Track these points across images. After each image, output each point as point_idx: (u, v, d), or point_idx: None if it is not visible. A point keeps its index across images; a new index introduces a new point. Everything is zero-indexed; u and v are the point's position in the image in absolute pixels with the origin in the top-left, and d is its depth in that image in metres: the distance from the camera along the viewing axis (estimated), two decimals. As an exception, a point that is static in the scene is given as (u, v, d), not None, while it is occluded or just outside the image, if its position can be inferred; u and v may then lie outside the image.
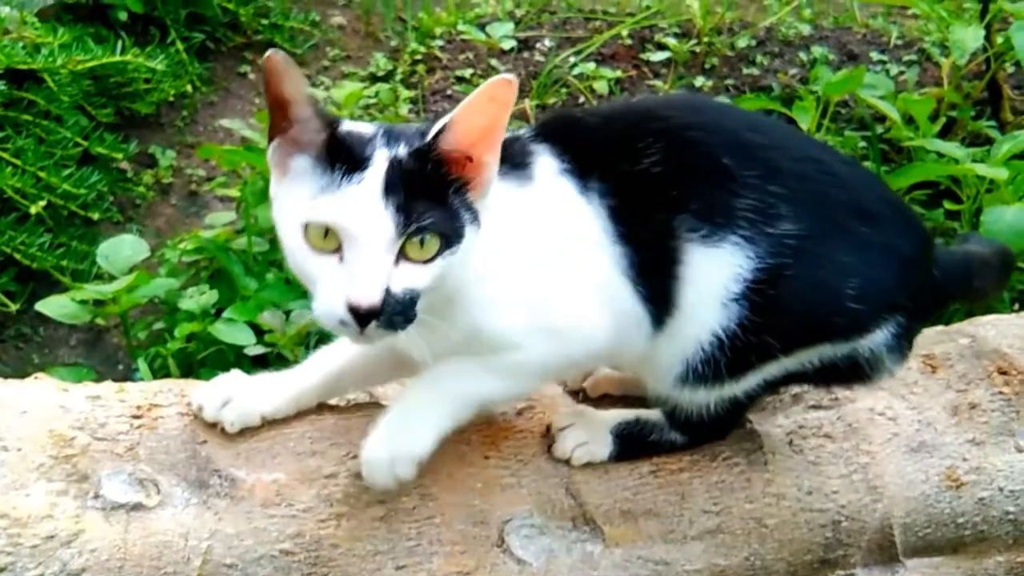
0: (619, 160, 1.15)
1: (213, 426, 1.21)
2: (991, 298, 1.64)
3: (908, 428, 1.36)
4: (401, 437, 1.15)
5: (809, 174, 1.16)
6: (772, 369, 1.19)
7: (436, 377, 1.15)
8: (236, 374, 1.26)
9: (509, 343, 1.14)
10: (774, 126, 1.24)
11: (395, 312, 1.00)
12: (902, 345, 1.21)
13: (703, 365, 1.16)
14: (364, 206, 1.00)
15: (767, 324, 1.13)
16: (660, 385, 1.21)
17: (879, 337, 1.19)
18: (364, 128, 1.07)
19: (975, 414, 1.39)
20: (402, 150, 1.03)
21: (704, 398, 1.20)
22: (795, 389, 1.36)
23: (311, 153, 1.04)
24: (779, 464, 1.30)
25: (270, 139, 1.07)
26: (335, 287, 1.00)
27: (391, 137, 1.05)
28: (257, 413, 1.22)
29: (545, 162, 1.16)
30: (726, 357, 1.15)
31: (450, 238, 1.03)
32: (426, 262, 1.02)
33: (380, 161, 1.02)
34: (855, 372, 1.21)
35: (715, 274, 1.13)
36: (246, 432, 1.22)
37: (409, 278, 1.02)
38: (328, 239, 1.01)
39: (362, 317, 0.99)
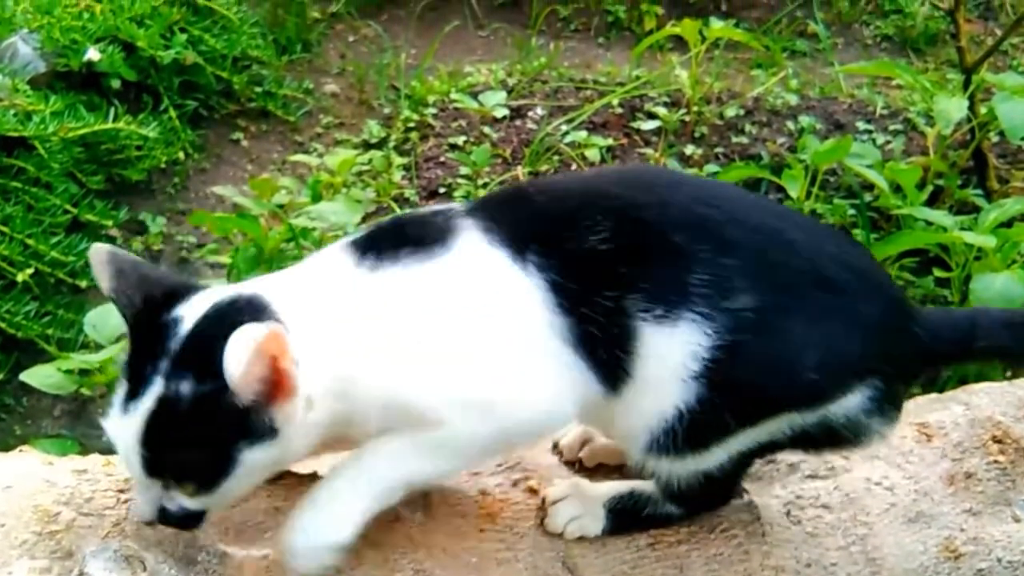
0: (563, 237, 1.14)
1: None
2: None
3: (905, 498, 1.34)
4: (321, 525, 1.11)
5: (765, 245, 1.15)
6: (741, 441, 1.17)
7: (360, 459, 1.14)
8: None
9: (431, 419, 1.11)
10: (728, 197, 1.22)
11: (177, 522, 1.07)
12: (884, 408, 1.19)
13: (665, 437, 1.14)
14: (127, 445, 1.03)
15: (723, 401, 1.12)
16: (631, 454, 1.20)
17: (852, 402, 1.17)
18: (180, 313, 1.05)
19: (971, 483, 1.37)
20: (184, 387, 1.01)
21: (670, 469, 1.18)
22: (792, 458, 1.35)
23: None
24: (777, 536, 1.28)
25: None
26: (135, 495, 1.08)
27: (180, 360, 1.01)
28: None
29: (470, 236, 1.14)
30: (685, 431, 1.14)
31: (212, 480, 1.04)
32: (192, 495, 1.05)
33: (153, 393, 1.01)
34: (833, 438, 1.19)
35: (673, 352, 1.12)
36: (235, 507, 1.19)
37: (182, 501, 1.06)
38: None
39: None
